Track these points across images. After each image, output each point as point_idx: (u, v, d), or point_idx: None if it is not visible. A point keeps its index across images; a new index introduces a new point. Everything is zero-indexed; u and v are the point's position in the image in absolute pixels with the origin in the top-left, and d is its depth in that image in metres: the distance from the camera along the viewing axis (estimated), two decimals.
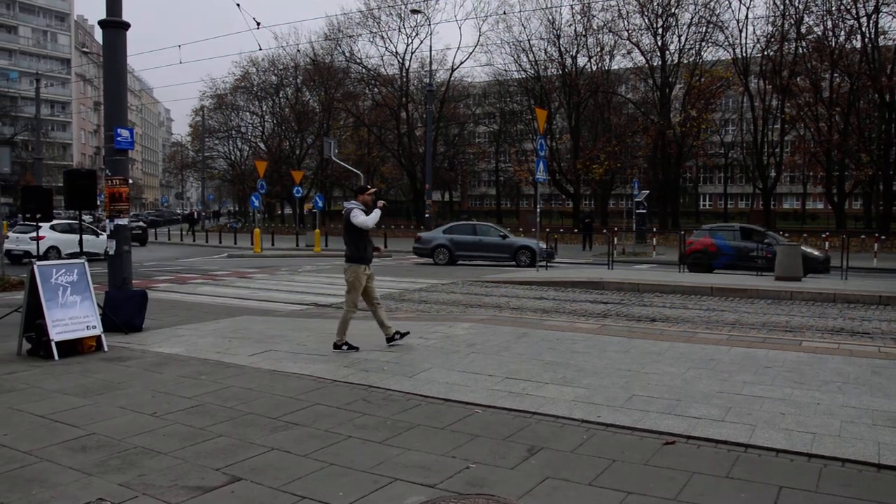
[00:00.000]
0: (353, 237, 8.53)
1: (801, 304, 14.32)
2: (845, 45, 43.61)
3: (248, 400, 6.33)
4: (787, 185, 65.25)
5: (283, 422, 5.67)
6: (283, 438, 5.26)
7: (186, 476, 4.53)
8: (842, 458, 4.83)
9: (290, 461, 4.79)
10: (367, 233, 8.56)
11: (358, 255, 8.53)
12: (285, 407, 6.09)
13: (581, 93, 51.77)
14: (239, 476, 4.52)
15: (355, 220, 8.39)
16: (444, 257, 24.80)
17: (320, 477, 4.51)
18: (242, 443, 5.16)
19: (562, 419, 5.73)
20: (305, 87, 64.62)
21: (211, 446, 5.10)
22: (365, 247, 8.56)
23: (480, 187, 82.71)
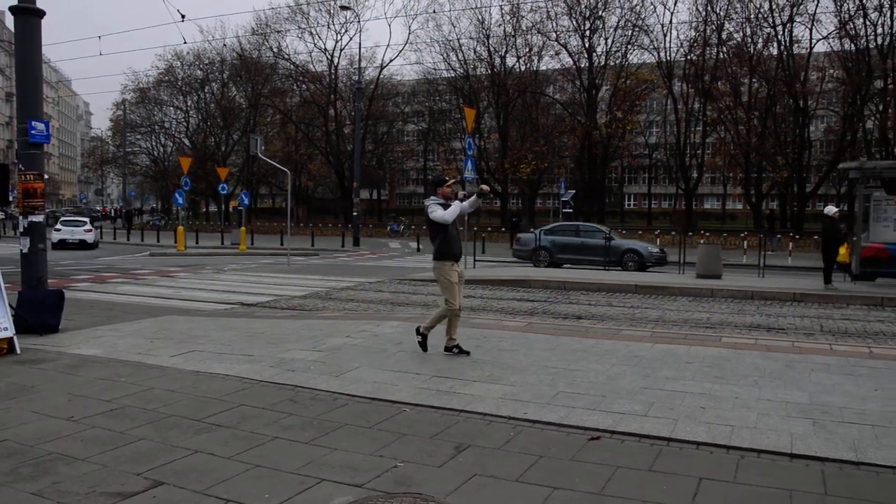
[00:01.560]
0: (435, 233, 8.05)
1: (721, 301, 14.78)
2: (763, 51, 45.25)
3: (171, 402, 6.17)
4: (708, 185, 67.15)
5: (208, 424, 5.56)
6: (207, 441, 5.15)
7: (105, 482, 4.39)
8: (758, 450, 5.01)
9: (214, 464, 4.70)
10: (452, 227, 8.05)
11: (442, 252, 7.98)
12: (209, 408, 5.97)
13: (509, 93, 52.28)
14: (161, 480, 4.40)
15: (433, 215, 7.92)
16: (544, 260, 22.99)
17: (246, 479, 4.43)
18: (165, 446, 5.03)
19: (489, 416, 5.77)
20: (232, 83, 63.41)
21: (131, 450, 4.95)
22: (449, 242, 7.99)
23: (409, 186, 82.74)
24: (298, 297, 14.71)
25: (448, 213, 7.88)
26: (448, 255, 7.97)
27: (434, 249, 8.08)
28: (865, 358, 8.14)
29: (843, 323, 11.97)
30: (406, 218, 59.26)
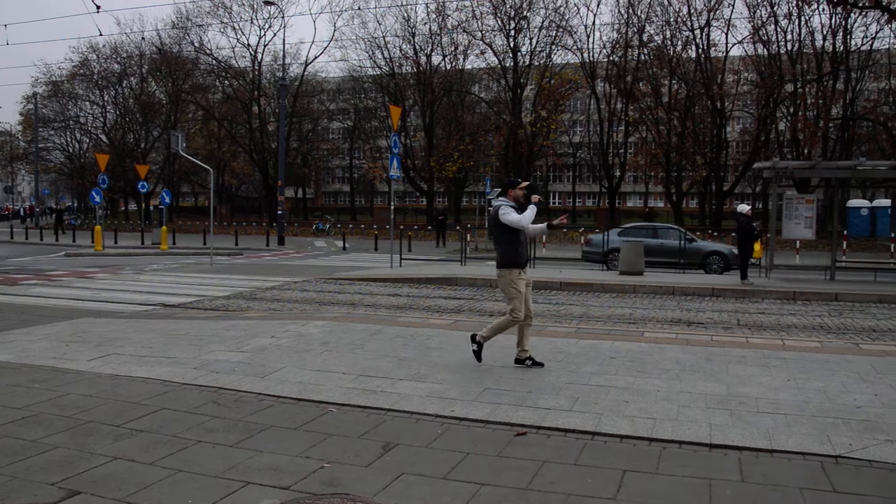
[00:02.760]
0: (503, 238, 7.48)
1: (643, 297, 15.13)
2: (682, 54, 46.63)
3: (89, 407, 5.98)
4: (630, 184, 68.54)
5: (128, 429, 5.40)
6: (127, 447, 5.01)
7: (16, 493, 4.21)
8: (679, 441, 5.16)
9: (135, 470, 4.57)
10: (521, 233, 7.45)
11: (509, 259, 7.42)
12: (130, 413, 5.80)
13: (435, 91, 52.37)
14: (77, 490, 4.26)
15: (506, 219, 7.33)
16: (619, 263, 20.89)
17: (168, 485, 4.33)
18: (82, 454, 4.87)
19: (416, 415, 5.78)
20: (151, 77, 61.52)
21: (45, 459, 4.77)
22: (517, 249, 7.43)
23: (334, 184, 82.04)
24: (222, 298, 14.44)
25: (524, 217, 7.36)
26: (516, 263, 7.43)
27: (499, 256, 7.56)
28: (779, 350, 8.46)
29: (758, 317, 12.40)
30: (332, 216, 58.80)
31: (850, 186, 19.53)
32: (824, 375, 7.12)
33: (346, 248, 32.90)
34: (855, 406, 6.05)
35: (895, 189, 19.15)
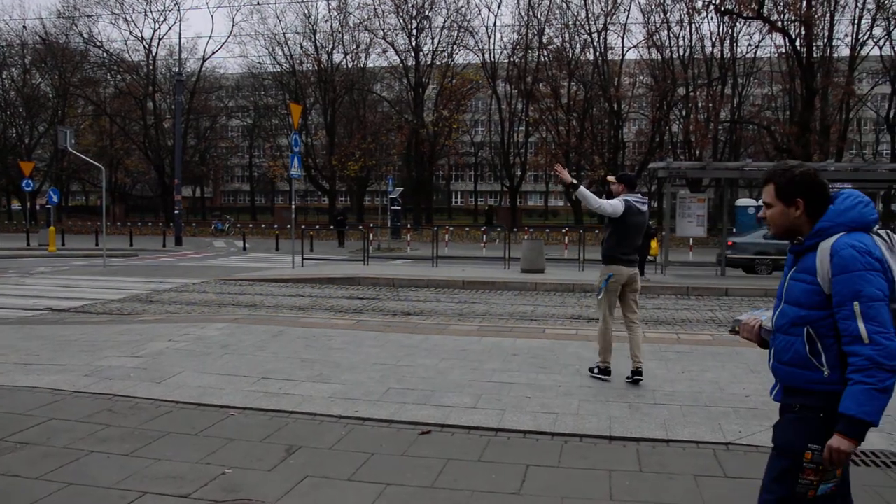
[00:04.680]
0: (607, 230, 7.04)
1: (545, 294, 15.42)
2: (580, 56, 47.91)
3: None
4: (531, 183, 69.84)
5: (12, 442, 5.11)
6: (11, 461, 4.74)
7: None
8: (580, 434, 5.29)
9: (20, 486, 4.32)
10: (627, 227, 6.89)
11: (606, 254, 6.99)
12: (14, 425, 5.49)
13: (337, 89, 52.00)
14: None
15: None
16: (767, 266, 20.01)
17: (57, 500, 4.13)
18: None
19: (320, 416, 5.71)
20: (35, 69, 58.50)
21: None
22: (616, 243, 6.89)
23: (234, 183, 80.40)
24: (116, 301, 13.90)
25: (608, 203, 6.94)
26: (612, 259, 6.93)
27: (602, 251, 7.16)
28: (674, 343, 8.78)
29: (655, 312, 12.82)
30: (231, 216, 57.51)
31: (738, 186, 20.48)
32: (716, 367, 7.43)
33: (247, 248, 32.27)
34: (744, 395, 6.34)
35: None
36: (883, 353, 2.45)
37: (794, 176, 2.73)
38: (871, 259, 2.54)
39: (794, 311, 2.70)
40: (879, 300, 2.50)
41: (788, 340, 2.73)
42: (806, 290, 2.66)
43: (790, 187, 2.73)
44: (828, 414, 2.55)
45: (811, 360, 2.63)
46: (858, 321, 2.49)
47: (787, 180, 2.74)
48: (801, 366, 2.68)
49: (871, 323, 2.48)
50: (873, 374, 2.44)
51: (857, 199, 2.68)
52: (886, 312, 2.50)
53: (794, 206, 2.73)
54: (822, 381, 2.60)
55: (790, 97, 43.18)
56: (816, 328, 2.62)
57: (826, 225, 2.66)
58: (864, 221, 2.65)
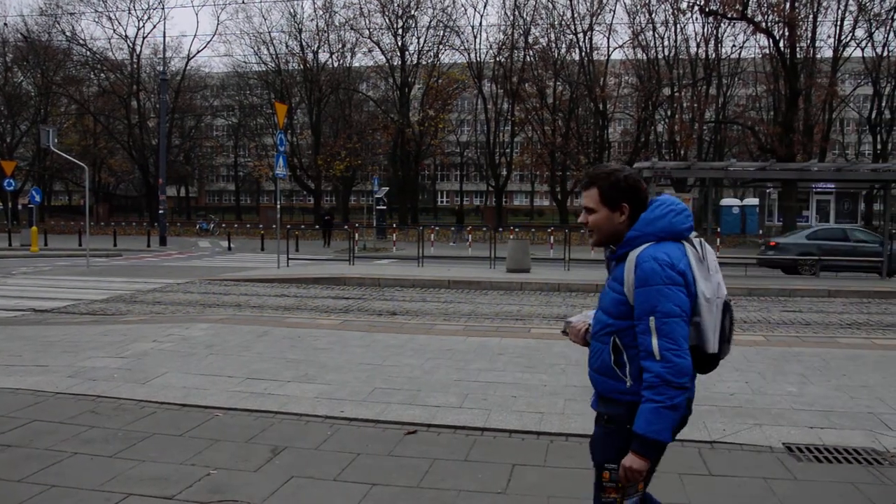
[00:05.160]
0: None
1: (530, 294, 15.44)
2: (566, 56, 48.02)
3: None
4: (517, 183, 69.95)
5: None
6: None
7: None
8: (566, 433, 5.31)
9: (2, 488, 4.28)
10: None
11: None
12: None
13: (322, 89, 51.87)
14: None
15: None
16: (811, 267, 19.62)
17: (40, 502, 4.09)
18: None
19: (305, 417, 5.70)
20: (17, 67, 57.93)
21: None
22: None
23: (219, 182, 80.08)
24: (100, 301, 13.81)
25: None
26: None
27: None
28: None
29: None
30: (216, 216, 57.26)
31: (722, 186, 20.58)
32: None
33: (232, 248, 32.13)
34: (728, 393, 6.38)
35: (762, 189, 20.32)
36: (672, 371, 2.42)
37: (620, 180, 2.63)
38: (673, 273, 2.48)
39: (604, 318, 2.66)
40: (675, 316, 2.45)
41: (599, 348, 2.70)
42: (614, 299, 2.62)
43: (615, 192, 2.63)
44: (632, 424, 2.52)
45: (615, 369, 2.61)
46: (653, 337, 2.45)
47: (613, 184, 2.64)
48: (607, 374, 2.66)
49: (664, 339, 2.44)
50: (662, 392, 2.42)
51: (669, 207, 2.61)
52: (681, 329, 2.46)
53: (620, 212, 2.64)
54: (625, 392, 2.57)
55: (774, 98, 43.48)
56: (622, 338, 2.58)
57: (635, 234, 2.60)
58: (675, 231, 2.59)
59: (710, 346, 2.56)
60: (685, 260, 2.54)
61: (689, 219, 2.62)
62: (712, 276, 2.60)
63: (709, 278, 2.58)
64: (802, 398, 6.28)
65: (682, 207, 2.63)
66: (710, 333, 2.55)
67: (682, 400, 2.45)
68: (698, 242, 2.63)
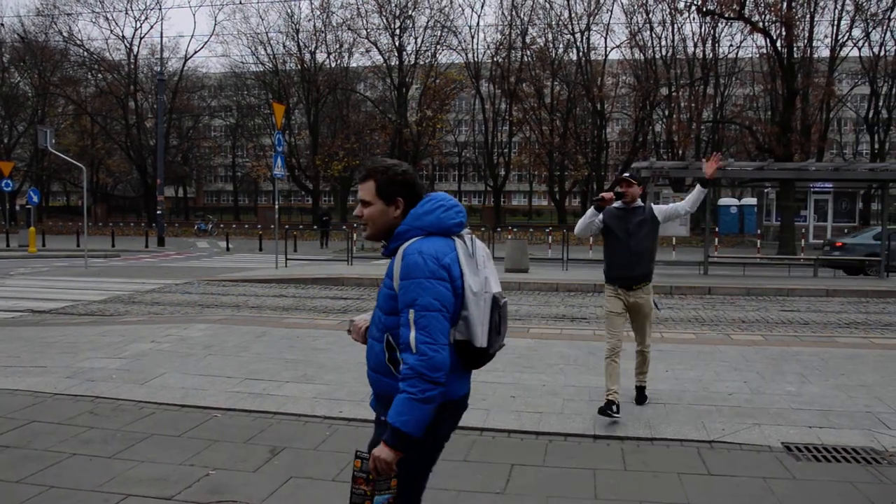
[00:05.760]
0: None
1: (529, 294, 15.44)
2: (564, 56, 48.01)
3: None
4: (515, 183, 69.92)
5: None
6: None
7: None
8: (564, 433, 5.31)
9: (0, 489, 4.29)
10: (615, 238, 5.90)
11: (605, 272, 6.11)
12: None
13: (320, 89, 51.81)
14: None
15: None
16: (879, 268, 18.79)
17: (39, 503, 4.10)
18: None
19: (304, 417, 5.70)
20: (14, 68, 57.76)
21: None
22: (610, 260, 5.98)
23: (217, 183, 79.95)
24: (98, 302, 13.80)
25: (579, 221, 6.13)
26: (608, 278, 6.02)
27: None
28: (657, 342, 8.78)
29: None
30: (214, 216, 57.21)
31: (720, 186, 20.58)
32: (699, 365, 7.48)
33: (230, 248, 32.12)
34: (727, 393, 6.39)
35: (760, 188, 20.33)
36: (427, 365, 2.41)
37: (398, 174, 2.67)
38: (436, 266, 2.49)
39: (378, 315, 2.65)
40: (435, 310, 2.45)
41: (374, 345, 2.69)
42: (386, 294, 2.61)
43: (392, 186, 2.66)
44: None
45: (389, 367, 2.59)
46: (411, 329, 2.45)
47: (389, 178, 2.66)
48: (382, 372, 2.64)
49: (421, 332, 2.43)
50: (415, 385, 2.41)
51: (439, 203, 2.64)
52: (439, 323, 2.45)
53: (395, 206, 2.66)
54: (398, 390, 2.52)
55: (771, 97, 43.48)
56: (395, 335, 2.56)
57: (404, 228, 2.62)
58: (443, 226, 2.60)
59: (478, 340, 2.56)
60: (452, 255, 2.56)
61: (459, 215, 2.66)
62: (480, 271, 2.62)
63: (477, 273, 2.60)
64: (801, 398, 6.29)
65: (451, 204, 2.67)
66: (477, 328, 2.55)
67: (435, 394, 2.44)
68: (469, 238, 2.66)
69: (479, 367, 2.74)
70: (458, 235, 2.65)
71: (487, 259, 2.72)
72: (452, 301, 2.51)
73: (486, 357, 2.68)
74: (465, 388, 2.79)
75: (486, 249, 2.75)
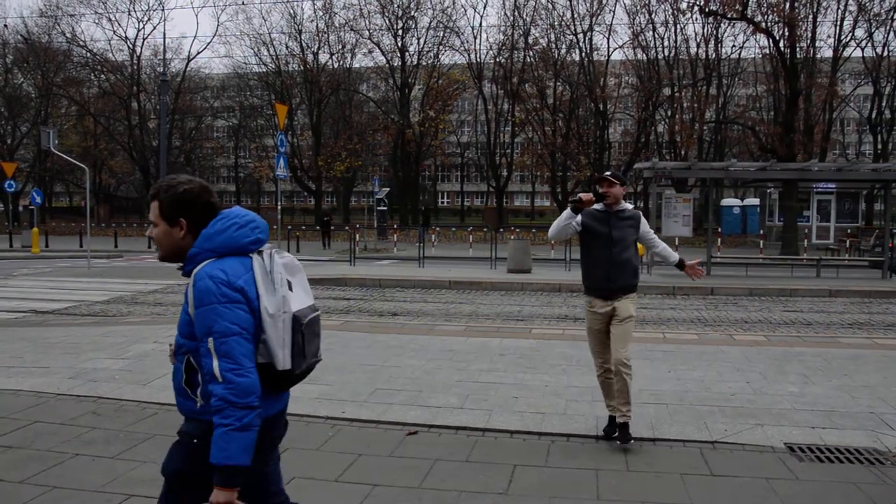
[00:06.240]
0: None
1: (531, 295, 15.43)
2: (566, 57, 47.97)
3: None
4: (517, 183, 69.94)
5: None
6: None
7: None
8: (567, 434, 5.31)
9: (3, 490, 4.29)
10: (599, 245, 5.32)
11: (583, 281, 5.61)
12: None
13: (323, 89, 51.81)
14: None
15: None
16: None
17: (42, 503, 4.10)
18: None
19: (307, 417, 5.70)
20: (17, 69, 57.85)
21: None
22: (588, 268, 5.47)
23: (219, 183, 79.92)
24: (101, 303, 13.81)
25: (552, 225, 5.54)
26: (588, 288, 5.51)
27: None
28: (660, 343, 8.81)
29: (641, 311, 12.82)
30: None
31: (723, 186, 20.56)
32: (702, 366, 7.47)
33: None
34: (729, 394, 6.38)
35: (763, 189, 20.31)
36: (235, 392, 2.33)
37: (178, 193, 2.53)
38: (229, 290, 2.39)
39: (178, 339, 2.56)
40: (233, 335, 2.36)
41: (176, 367, 2.59)
42: (183, 320, 2.52)
43: (172, 206, 2.53)
44: (201, 442, 2.43)
45: (187, 389, 2.52)
46: (213, 359, 2.35)
47: (171, 198, 2.53)
48: (182, 394, 2.57)
49: (223, 360, 2.34)
50: (229, 415, 2.32)
51: (232, 220, 2.53)
52: (241, 347, 2.37)
53: (178, 227, 2.53)
54: (197, 412, 2.49)
55: (774, 98, 43.42)
56: (196, 358, 2.47)
57: (195, 251, 2.50)
58: (237, 245, 2.50)
59: (280, 362, 2.47)
60: (248, 276, 2.47)
61: (254, 231, 2.55)
62: (278, 290, 2.49)
63: (273, 293, 2.48)
64: (804, 398, 6.28)
65: (246, 220, 2.56)
66: (277, 349, 2.46)
67: (251, 418, 2.35)
68: (268, 255, 2.55)
69: (285, 389, 2.64)
70: (259, 253, 2.54)
71: (295, 273, 2.62)
72: (252, 322, 2.43)
73: (293, 379, 2.56)
74: (279, 405, 2.67)
75: (295, 262, 2.65)
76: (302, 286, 2.64)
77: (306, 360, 2.59)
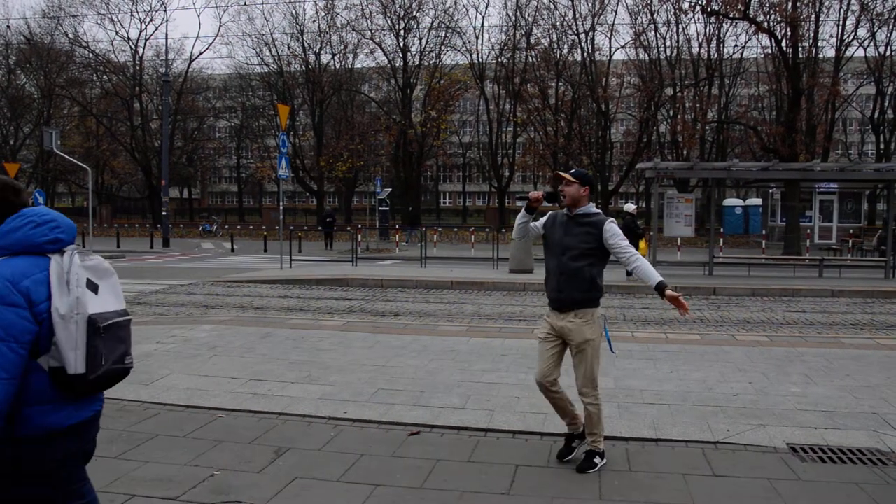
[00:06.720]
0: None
1: (533, 295, 15.43)
2: (568, 57, 47.93)
3: None
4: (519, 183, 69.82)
5: None
6: None
7: None
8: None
9: None
10: (550, 253, 4.87)
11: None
12: None
13: (324, 90, 51.82)
14: None
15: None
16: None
17: None
18: None
19: (309, 418, 5.70)
20: (20, 69, 57.90)
21: None
22: (545, 275, 4.94)
23: (221, 184, 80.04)
24: None
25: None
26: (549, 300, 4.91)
27: None
28: (662, 343, 8.81)
29: (643, 312, 12.85)
30: (219, 217, 57.26)
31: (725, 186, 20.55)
32: (704, 366, 7.47)
33: (235, 249, 32.16)
34: (732, 394, 6.38)
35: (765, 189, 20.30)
36: None
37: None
38: (9, 291, 2.30)
39: None
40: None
41: None
42: None
43: None
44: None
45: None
46: None
47: None
48: None
49: None
50: None
51: (29, 219, 2.45)
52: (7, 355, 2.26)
53: None
54: None
55: (776, 97, 43.37)
56: None
57: None
58: (31, 244, 2.42)
59: (71, 366, 2.34)
60: (40, 276, 2.39)
61: (54, 231, 2.48)
62: (72, 290, 2.38)
63: (67, 294, 2.38)
64: (806, 398, 6.28)
65: (46, 219, 2.48)
66: (69, 353, 2.34)
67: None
68: (68, 255, 2.46)
69: (84, 395, 2.48)
70: (60, 252, 2.46)
71: (105, 277, 2.52)
72: (27, 328, 2.32)
73: (90, 384, 2.41)
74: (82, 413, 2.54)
75: (104, 266, 2.55)
76: (112, 290, 2.53)
77: (105, 365, 2.43)
